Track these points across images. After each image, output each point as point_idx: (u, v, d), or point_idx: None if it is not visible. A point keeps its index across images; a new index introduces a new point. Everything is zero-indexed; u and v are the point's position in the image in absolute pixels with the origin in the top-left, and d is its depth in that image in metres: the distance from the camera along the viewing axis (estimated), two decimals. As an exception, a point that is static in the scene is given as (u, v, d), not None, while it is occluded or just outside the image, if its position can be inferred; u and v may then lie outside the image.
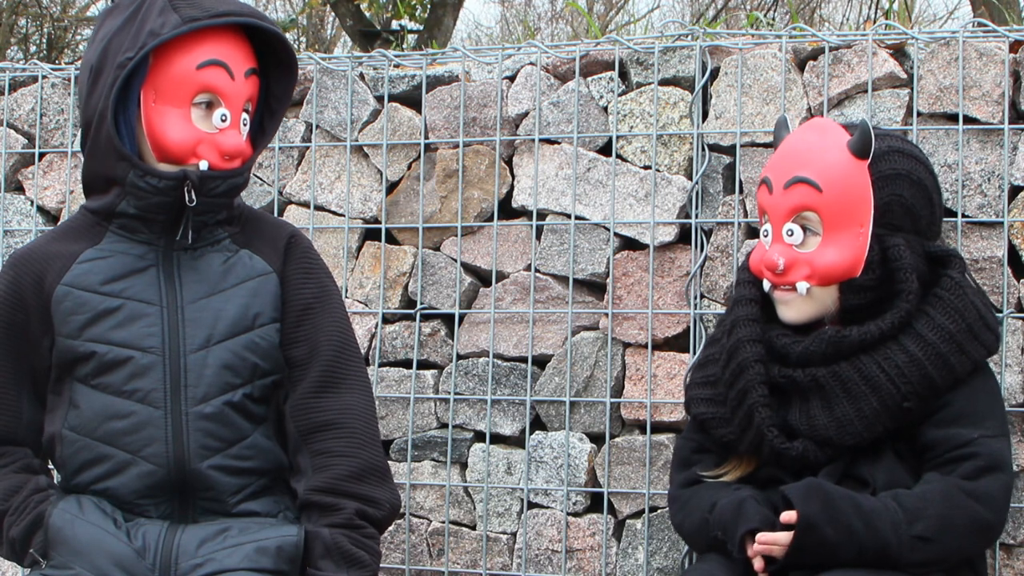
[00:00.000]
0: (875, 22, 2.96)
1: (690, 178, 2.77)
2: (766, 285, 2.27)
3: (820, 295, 2.22)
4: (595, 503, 2.85)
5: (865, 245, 2.19)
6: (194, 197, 2.08)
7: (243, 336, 2.13)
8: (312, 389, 2.16)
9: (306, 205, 3.02)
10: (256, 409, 2.15)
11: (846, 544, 2.06)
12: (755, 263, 2.28)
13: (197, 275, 2.14)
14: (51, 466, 2.23)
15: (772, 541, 2.11)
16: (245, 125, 2.15)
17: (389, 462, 2.92)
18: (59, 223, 2.34)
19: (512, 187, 2.91)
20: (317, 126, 3.03)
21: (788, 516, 2.10)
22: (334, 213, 3.03)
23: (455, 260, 2.93)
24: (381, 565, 2.91)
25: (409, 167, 2.99)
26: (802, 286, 2.21)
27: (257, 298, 2.16)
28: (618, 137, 2.83)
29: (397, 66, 3.03)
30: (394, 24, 8.76)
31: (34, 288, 2.12)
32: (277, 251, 2.20)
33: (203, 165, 2.09)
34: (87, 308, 2.10)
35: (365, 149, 3.02)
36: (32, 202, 3.20)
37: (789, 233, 2.21)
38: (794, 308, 2.24)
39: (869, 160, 2.19)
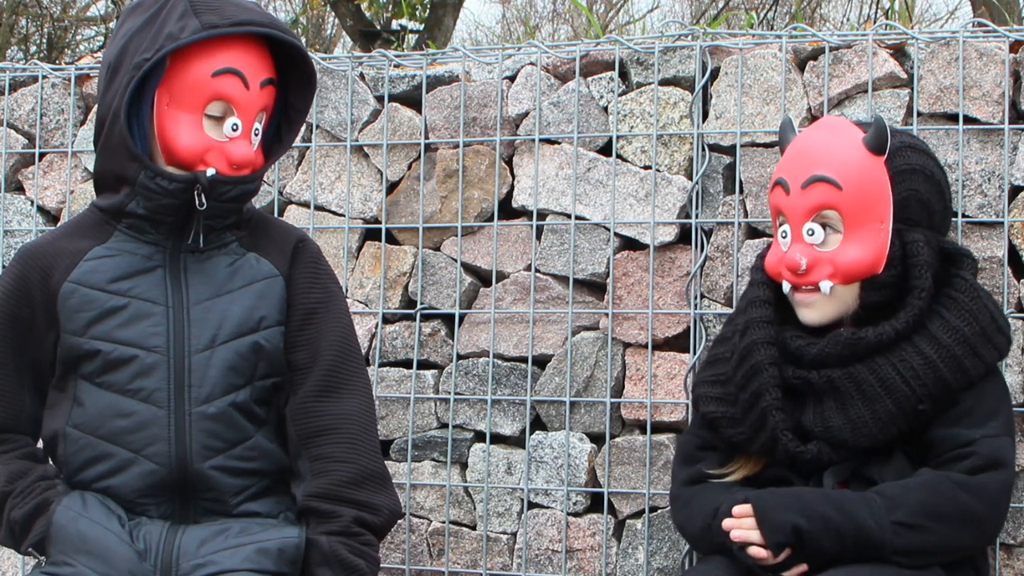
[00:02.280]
0: (875, 22, 2.96)
1: (690, 178, 2.77)
2: (786, 287, 2.25)
3: (842, 294, 2.21)
4: (595, 503, 2.85)
5: (886, 241, 2.18)
6: (204, 201, 2.09)
7: (248, 337, 2.13)
8: (313, 393, 2.16)
9: (306, 205, 3.02)
10: (258, 410, 2.15)
11: (823, 533, 2.06)
12: (773, 265, 2.26)
13: (203, 277, 2.14)
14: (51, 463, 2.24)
15: (735, 524, 2.12)
16: (256, 135, 2.15)
17: (389, 462, 2.93)
18: (69, 218, 2.34)
19: (512, 187, 2.91)
20: (317, 126, 3.03)
21: (740, 509, 2.12)
22: (334, 213, 3.03)
23: (455, 260, 2.93)
24: (381, 565, 2.92)
25: (409, 167, 2.99)
26: (825, 285, 2.19)
27: (263, 300, 2.16)
28: (618, 137, 2.83)
29: (397, 66, 3.03)
30: (394, 24, 8.76)
31: (41, 283, 2.13)
32: (284, 255, 2.20)
33: (210, 172, 2.09)
34: (93, 306, 2.11)
35: (365, 149, 3.02)
36: (32, 202, 3.20)
37: (810, 232, 2.20)
38: (817, 309, 2.22)
39: (886, 155, 2.19)
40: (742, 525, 2.12)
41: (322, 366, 2.17)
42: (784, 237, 2.24)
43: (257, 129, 2.14)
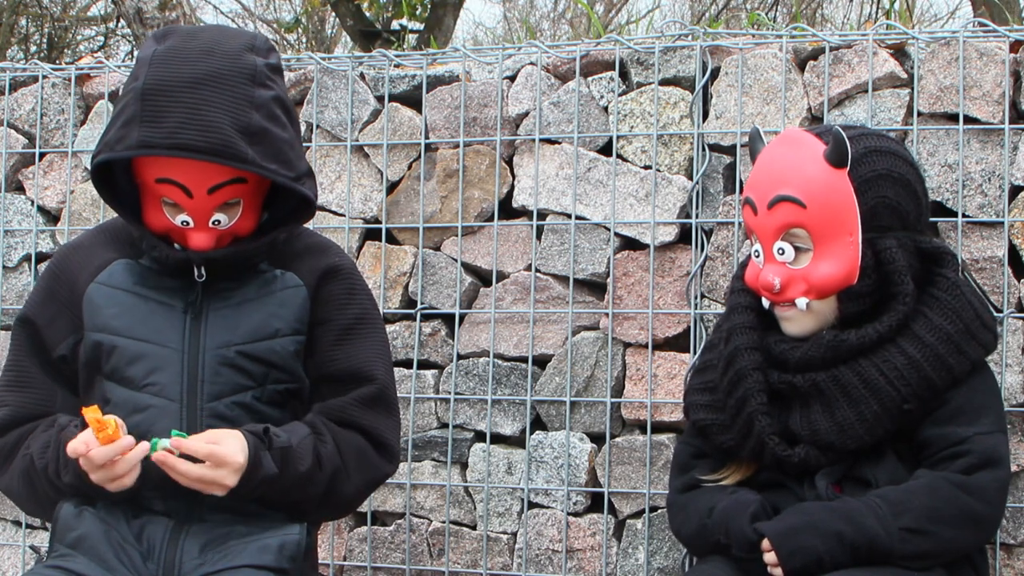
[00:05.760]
0: (876, 22, 2.96)
1: (690, 178, 2.77)
2: (766, 303, 2.26)
3: (820, 307, 2.21)
4: (595, 503, 2.85)
5: (857, 252, 2.17)
6: (203, 273, 2.13)
7: (262, 343, 2.15)
8: (355, 406, 2.19)
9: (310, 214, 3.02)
10: (270, 412, 2.16)
11: (838, 550, 2.06)
12: (751, 282, 2.26)
13: (226, 292, 2.17)
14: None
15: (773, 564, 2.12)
16: (217, 224, 2.12)
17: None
18: (108, 220, 2.36)
19: (512, 187, 2.91)
20: (318, 126, 3.03)
21: (764, 546, 2.12)
22: (335, 213, 3.03)
23: (455, 260, 2.93)
24: (381, 565, 2.93)
25: (409, 167, 2.99)
26: (801, 302, 2.19)
27: (283, 309, 2.18)
28: (618, 137, 2.83)
29: (397, 66, 3.03)
30: (395, 24, 8.75)
31: (69, 286, 2.19)
32: (313, 270, 2.22)
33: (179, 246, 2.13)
34: (114, 302, 2.15)
35: (365, 149, 3.01)
36: (32, 202, 3.20)
37: (780, 252, 2.20)
38: (797, 323, 2.22)
39: (848, 167, 2.18)
40: (767, 561, 2.12)
41: (371, 387, 2.20)
42: (757, 256, 2.24)
43: (218, 220, 2.11)
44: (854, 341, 2.16)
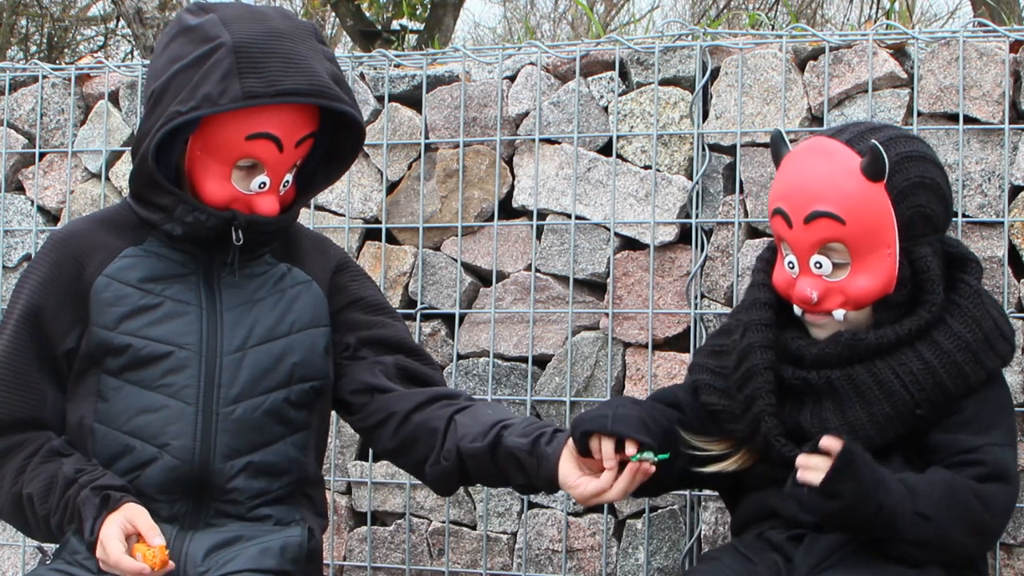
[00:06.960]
0: (876, 22, 2.96)
1: (690, 178, 2.77)
2: (798, 310, 2.23)
3: (855, 316, 2.18)
4: (595, 503, 2.85)
5: (895, 263, 2.15)
6: (241, 236, 2.10)
7: (279, 341, 2.14)
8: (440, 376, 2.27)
9: (307, 205, 3.02)
10: (293, 415, 2.15)
11: (872, 493, 2.00)
12: (783, 289, 2.22)
13: (236, 286, 2.15)
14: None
15: (806, 464, 2.03)
16: (286, 184, 2.13)
17: (388, 462, 2.93)
18: (102, 209, 2.32)
19: (512, 187, 2.91)
20: (317, 126, 3.03)
21: (831, 443, 2.02)
22: (334, 213, 3.03)
23: (455, 260, 2.93)
24: (381, 565, 2.93)
25: (409, 167, 2.99)
26: (839, 314, 2.17)
27: (295, 304, 2.17)
28: (618, 137, 2.83)
29: (397, 66, 3.03)
30: (394, 24, 8.76)
31: (75, 273, 2.12)
32: (325, 267, 2.23)
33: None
34: (126, 302, 2.10)
35: (365, 149, 3.01)
36: (32, 202, 3.20)
37: (817, 265, 2.16)
38: (829, 331, 2.18)
39: (885, 180, 2.15)
40: (810, 464, 2.03)
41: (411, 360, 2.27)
42: (791, 268, 2.20)
43: (287, 181, 2.13)
44: (872, 341, 2.14)
